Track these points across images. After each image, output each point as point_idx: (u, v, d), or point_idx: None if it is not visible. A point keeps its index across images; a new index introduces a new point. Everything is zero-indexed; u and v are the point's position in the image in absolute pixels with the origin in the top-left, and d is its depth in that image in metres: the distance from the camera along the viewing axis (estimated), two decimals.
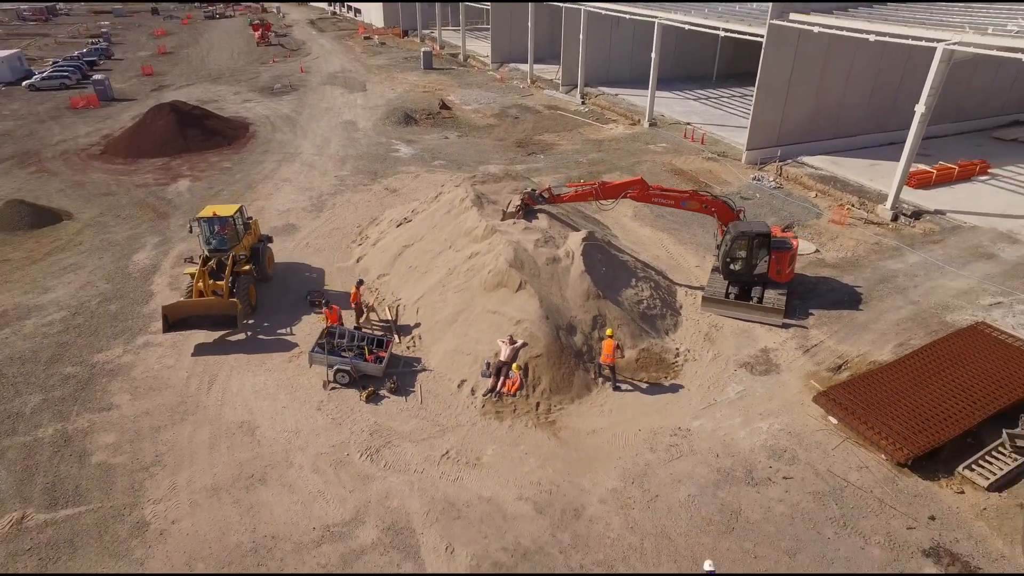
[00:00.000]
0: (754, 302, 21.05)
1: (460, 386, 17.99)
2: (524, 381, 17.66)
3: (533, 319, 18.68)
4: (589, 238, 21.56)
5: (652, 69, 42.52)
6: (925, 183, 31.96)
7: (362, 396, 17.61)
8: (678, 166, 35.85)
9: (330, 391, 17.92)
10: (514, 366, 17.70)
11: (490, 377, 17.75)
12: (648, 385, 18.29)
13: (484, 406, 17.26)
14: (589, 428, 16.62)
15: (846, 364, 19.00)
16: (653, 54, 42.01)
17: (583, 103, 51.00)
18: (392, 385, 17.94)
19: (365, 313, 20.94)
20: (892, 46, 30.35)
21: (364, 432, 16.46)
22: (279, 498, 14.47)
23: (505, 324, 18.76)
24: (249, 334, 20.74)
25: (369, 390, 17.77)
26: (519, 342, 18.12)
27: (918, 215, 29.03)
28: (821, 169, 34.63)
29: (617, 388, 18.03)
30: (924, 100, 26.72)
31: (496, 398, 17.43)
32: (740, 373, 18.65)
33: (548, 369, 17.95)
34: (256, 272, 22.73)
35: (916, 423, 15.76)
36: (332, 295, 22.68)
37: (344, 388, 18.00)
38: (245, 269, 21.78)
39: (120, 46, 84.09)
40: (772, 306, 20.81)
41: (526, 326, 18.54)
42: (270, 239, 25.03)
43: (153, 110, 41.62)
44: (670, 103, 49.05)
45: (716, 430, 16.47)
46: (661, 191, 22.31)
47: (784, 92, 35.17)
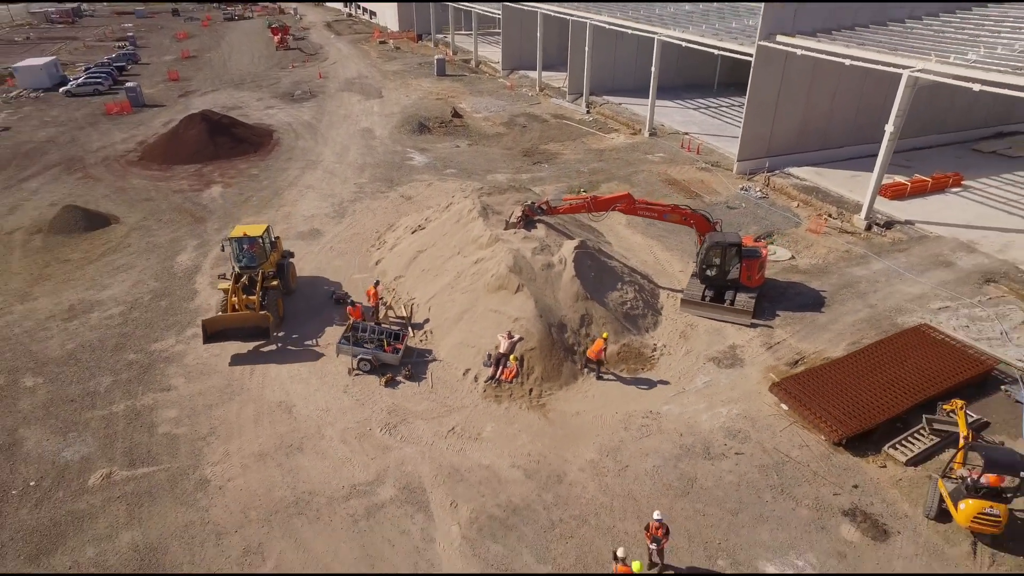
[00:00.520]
0: (727, 304, 23.79)
1: (465, 374, 20.96)
2: (520, 370, 20.57)
3: (529, 317, 21.58)
4: (581, 246, 24.42)
5: (652, 82, 45.17)
6: (900, 195, 34.34)
7: (381, 381, 20.63)
8: (672, 176, 38.49)
9: (354, 377, 20.96)
10: (511, 357, 20.60)
11: (490, 367, 20.68)
12: (627, 375, 21.16)
13: (485, 391, 20.20)
14: (574, 411, 19.54)
15: (803, 359, 21.73)
16: (653, 68, 44.63)
17: (588, 112, 53.65)
18: (407, 372, 20.95)
19: (384, 311, 23.92)
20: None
21: (383, 411, 19.49)
22: (314, 463, 17.51)
23: (505, 321, 21.67)
24: (279, 345, 22.78)
25: (388, 376, 20.77)
26: (516, 337, 20.99)
27: (890, 225, 31.55)
28: (805, 180, 37.05)
29: (600, 377, 20.91)
30: (892, 121, 29.27)
31: (495, 384, 20.37)
32: (708, 366, 21.46)
33: (541, 360, 20.86)
34: (281, 286, 24.41)
35: (852, 410, 18.47)
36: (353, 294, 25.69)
37: (366, 374, 21.01)
38: (273, 284, 23.65)
39: (145, 50, 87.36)
40: (742, 308, 23.55)
41: (523, 323, 21.44)
42: (291, 254, 26.69)
43: (186, 120, 44.90)
44: (671, 113, 51.55)
45: (682, 413, 19.31)
46: (646, 205, 25.11)
47: (773, 107, 37.61)
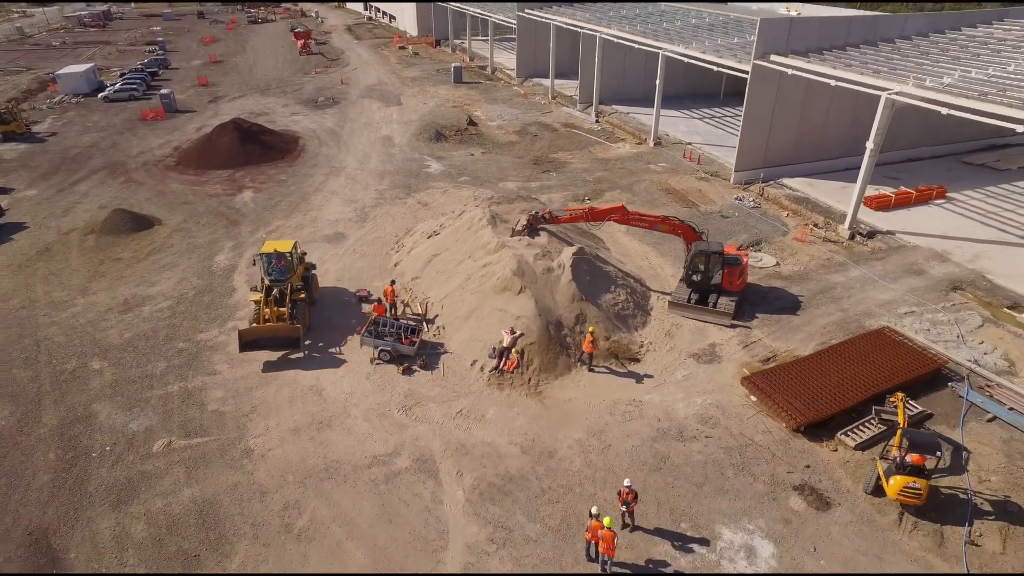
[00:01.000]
0: (710, 307, 26.35)
1: (472, 364, 23.74)
2: (520, 362, 23.29)
3: (530, 316, 24.30)
4: (578, 253, 27.10)
5: (656, 95, 47.67)
6: (884, 206, 36.54)
7: (399, 370, 23.47)
8: (672, 185, 40.97)
9: (375, 365, 23.81)
10: (513, 351, 23.33)
11: (495, 358, 23.45)
12: (616, 368, 23.81)
13: (489, 379, 22.96)
14: (566, 397, 22.25)
15: (775, 357, 24.24)
16: (658, 81, 47.14)
17: (597, 121, 56.18)
18: (422, 362, 23.79)
19: (401, 308, 26.77)
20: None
21: (400, 395, 22.34)
22: (341, 437, 20.41)
23: (508, 319, 24.41)
24: (305, 353, 24.42)
25: (405, 365, 23.63)
26: (518, 332, 23.71)
27: (872, 235, 33.82)
28: (798, 191, 39.31)
29: (591, 370, 23.59)
30: (872, 138, 31.62)
31: (499, 374, 23.12)
32: (689, 361, 24.06)
33: (539, 354, 23.58)
34: (306, 297, 25.83)
35: (811, 401, 20.99)
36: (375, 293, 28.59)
37: (386, 364, 23.85)
38: (301, 297, 25.29)
39: (173, 54, 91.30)
40: (723, 310, 26.10)
41: (524, 321, 24.18)
42: (314, 267, 28.20)
43: (218, 128, 48.17)
44: (676, 122, 53.88)
45: (662, 402, 21.94)
46: (639, 215, 27.76)
47: (768, 121, 39.97)
